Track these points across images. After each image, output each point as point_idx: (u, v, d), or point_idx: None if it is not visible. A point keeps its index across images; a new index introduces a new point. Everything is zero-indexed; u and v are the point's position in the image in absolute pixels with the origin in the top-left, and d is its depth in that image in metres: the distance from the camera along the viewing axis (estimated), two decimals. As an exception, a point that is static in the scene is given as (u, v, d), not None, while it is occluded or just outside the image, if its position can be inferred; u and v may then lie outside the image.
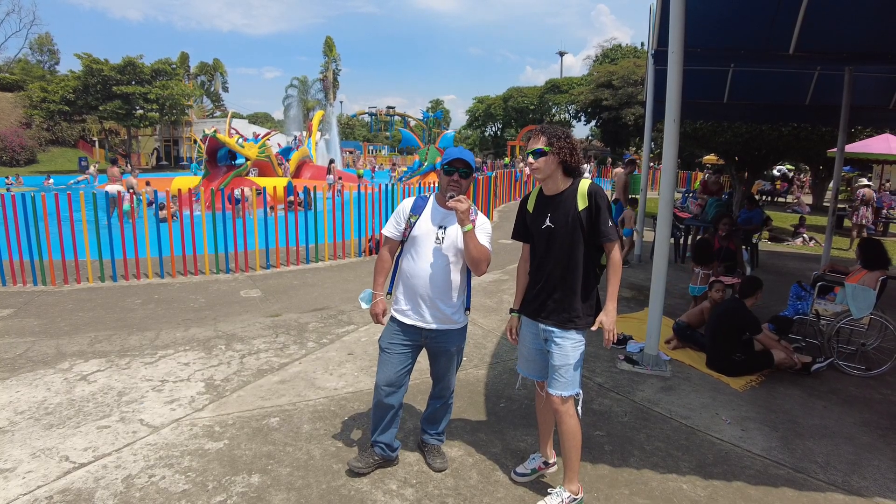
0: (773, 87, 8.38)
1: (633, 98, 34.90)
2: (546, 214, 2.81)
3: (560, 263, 2.79)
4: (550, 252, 2.81)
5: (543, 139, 2.72)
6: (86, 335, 5.22)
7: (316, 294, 6.96)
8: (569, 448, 2.82)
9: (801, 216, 13.90)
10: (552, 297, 2.81)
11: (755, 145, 14.07)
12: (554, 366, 2.80)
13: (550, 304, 2.81)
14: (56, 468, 3.10)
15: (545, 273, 2.84)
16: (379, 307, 3.03)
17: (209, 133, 15.95)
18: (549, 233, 2.80)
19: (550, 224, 2.79)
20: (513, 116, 53.14)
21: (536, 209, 2.89)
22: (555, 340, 2.80)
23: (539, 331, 2.88)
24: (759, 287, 4.86)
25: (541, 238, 2.85)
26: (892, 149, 13.94)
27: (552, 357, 2.81)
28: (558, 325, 2.80)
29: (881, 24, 5.47)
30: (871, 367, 4.81)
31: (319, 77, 57.09)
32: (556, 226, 2.77)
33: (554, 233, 2.78)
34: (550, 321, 2.81)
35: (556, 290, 2.80)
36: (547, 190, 2.84)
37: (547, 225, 2.80)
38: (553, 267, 2.81)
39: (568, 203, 2.77)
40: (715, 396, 4.27)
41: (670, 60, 4.39)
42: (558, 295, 2.80)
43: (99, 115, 37.16)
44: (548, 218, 2.80)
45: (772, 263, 9.52)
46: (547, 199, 2.84)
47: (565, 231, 2.75)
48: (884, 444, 3.67)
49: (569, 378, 2.78)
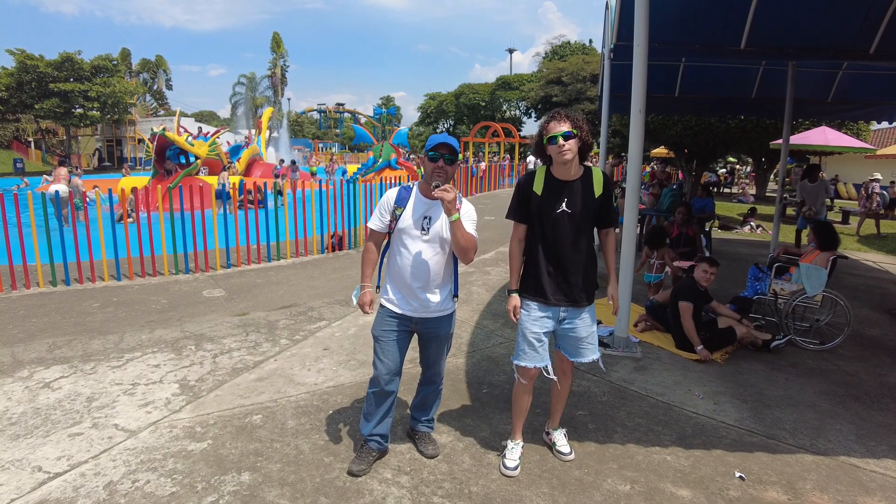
0: (721, 81, 8.76)
1: (583, 94, 35.56)
2: (561, 199, 2.85)
3: (575, 247, 2.89)
4: (561, 236, 2.88)
5: (569, 122, 2.76)
6: (43, 341, 4.96)
7: (282, 292, 6.83)
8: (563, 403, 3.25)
9: (751, 206, 14.57)
10: (568, 279, 2.91)
11: (704, 137, 14.68)
12: (581, 337, 3.00)
13: (566, 287, 2.93)
14: (29, 480, 2.95)
15: (559, 257, 2.90)
16: (366, 297, 3.01)
17: (158, 131, 15.37)
18: (564, 217, 2.85)
19: (567, 209, 2.84)
20: (465, 113, 53.30)
21: (547, 193, 2.89)
22: (578, 316, 2.98)
23: (556, 313, 2.97)
24: (707, 259, 5.13)
25: (551, 222, 2.88)
26: (829, 140, 14.84)
27: (576, 331, 2.99)
28: (578, 304, 2.96)
29: (823, 21, 5.80)
30: (825, 341, 5.13)
31: (267, 74, 55.73)
32: (574, 211, 2.84)
33: (571, 217, 2.85)
34: (570, 302, 2.95)
35: (571, 273, 2.91)
36: (560, 174, 2.87)
37: (563, 210, 2.85)
38: (566, 250, 2.89)
39: (585, 189, 2.85)
40: (686, 374, 4.46)
41: (635, 53, 4.53)
42: (573, 277, 2.91)
43: (35, 114, 35.05)
44: (564, 203, 2.84)
45: (724, 250, 9.96)
46: (560, 184, 2.87)
47: (582, 216, 2.85)
48: (843, 409, 3.94)
49: (595, 342, 3.05)
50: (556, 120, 2.78)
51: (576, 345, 3.03)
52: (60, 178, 10.78)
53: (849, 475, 3.12)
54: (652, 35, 4.57)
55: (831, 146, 15.42)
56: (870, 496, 2.93)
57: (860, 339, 5.43)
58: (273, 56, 54.62)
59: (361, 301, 3.03)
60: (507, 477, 3.02)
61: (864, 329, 5.76)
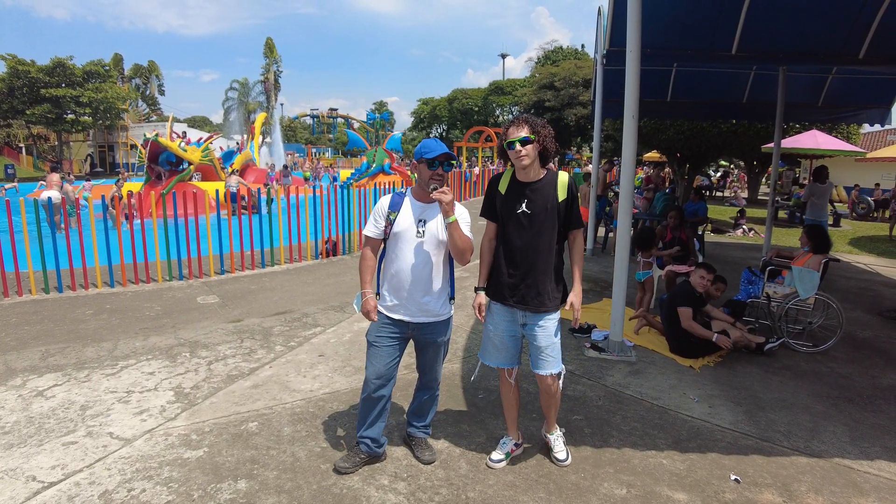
0: (713, 85, 8.83)
1: (575, 99, 35.73)
2: (521, 200, 2.90)
3: (534, 249, 2.89)
4: (522, 237, 2.90)
5: (527, 128, 2.81)
6: (36, 349, 4.93)
7: (276, 298, 6.82)
8: (555, 409, 3.18)
9: (740, 209, 14.67)
10: (525, 281, 2.91)
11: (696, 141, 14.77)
12: (539, 347, 2.93)
13: (523, 289, 2.91)
14: (24, 489, 2.93)
15: (517, 258, 2.92)
16: (370, 304, 3.02)
17: (150, 137, 15.32)
18: (523, 218, 2.89)
19: (527, 210, 2.88)
20: (458, 118, 53.44)
21: (509, 193, 2.96)
22: (537, 323, 2.92)
23: (516, 316, 2.97)
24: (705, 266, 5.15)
25: (512, 222, 2.93)
26: (819, 144, 14.98)
27: (536, 339, 2.93)
28: (538, 309, 2.91)
29: (814, 26, 5.88)
30: (818, 343, 5.17)
31: (260, 79, 55.70)
32: (533, 212, 2.87)
33: (530, 218, 2.88)
34: (529, 306, 2.92)
35: (529, 275, 2.90)
36: (522, 176, 2.93)
37: (523, 210, 2.89)
38: (526, 252, 2.90)
39: (546, 192, 2.88)
40: (680, 378, 4.48)
41: (629, 59, 4.56)
42: (532, 280, 2.90)
43: (26, 120, 34.90)
44: (524, 204, 2.89)
45: (717, 253, 10.01)
46: (521, 185, 2.92)
47: (542, 218, 2.86)
48: (836, 411, 3.97)
49: (555, 356, 2.96)
50: (515, 125, 2.85)
51: (536, 354, 2.99)
52: (53, 185, 10.71)
53: (843, 476, 3.14)
54: (644, 40, 4.61)
55: (822, 149, 15.56)
56: (864, 497, 2.95)
57: (853, 342, 5.47)
58: (266, 61, 54.63)
59: (365, 309, 3.02)
60: (490, 469, 3.10)
61: (856, 331, 5.80)
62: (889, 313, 6.42)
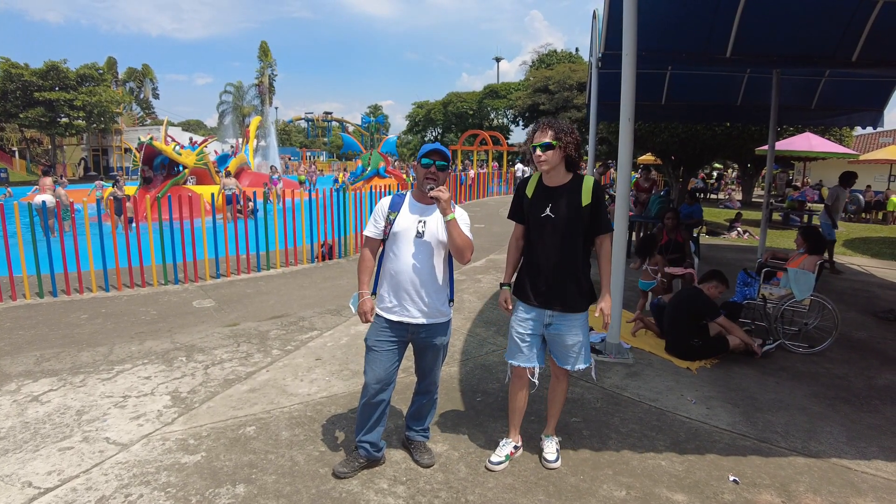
0: (707, 88, 8.89)
1: (570, 102, 35.86)
2: (546, 204, 2.94)
3: (557, 251, 2.93)
4: (546, 240, 2.95)
5: (551, 133, 2.85)
6: (30, 354, 4.89)
7: (272, 302, 6.80)
8: (561, 406, 3.24)
9: (737, 212, 14.74)
10: (550, 284, 2.96)
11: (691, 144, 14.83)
12: (568, 345, 3.01)
13: (548, 292, 2.96)
14: (19, 496, 2.90)
15: (541, 260, 2.97)
16: (366, 305, 3.01)
17: (145, 140, 15.27)
18: (547, 222, 2.93)
19: (551, 214, 2.92)
20: (453, 121, 53.51)
21: (536, 196, 3.01)
22: (563, 324, 2.99)
23: (543, 316, 3.02)
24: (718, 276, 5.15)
25: (538, 225, 2.98)
26: (813, 146, 15.08)
27: (564, 339, 3.01)
28: (564, 309, 2.97)
29: (807, 30, 5.93)
30: (814, 344, 5.20)
31: (255, 83, 55.59)
32: (557, 216, 2.91)
33: (554, 222, 2.92)
34: (551, 306, 2.98)
35: (551, 277, 2.95)
36: (548, 180, 2.98)
37: (547, 214, 2.93)
38: (549, 254, 2.94)
39: (572, 196, 2.92)
40: (678, 379, 4.49)
41: (624, 62, 4.58)
42: (555, 282, 2.95)
43: (19, 123, 34.73)
44: (548, 208, 2.93)
45: (712, 255, 10.06)
46: (548, 190, 2.97)
47: (567, 222, 2.90)
48: (833, 412, 3.99)
49: (584, 353, 3.04)
50: (540, 130, 2.91)
51: (563, 351, 3.07)
52: (46, 189, 10.65)
53: (841, 477, 3.16)
54: (639, 44, 4.63)
55: (815, 152, 15.67)
56: (862, 497, 2.97)
57: (848, 342, 5.50)
58: (261, 65, 54.49)
59: (362, 309, 3.02)
60: (490, 472, 3.11)
61: (851, 332, 5.83)
62: (884, 314, 6.46)
